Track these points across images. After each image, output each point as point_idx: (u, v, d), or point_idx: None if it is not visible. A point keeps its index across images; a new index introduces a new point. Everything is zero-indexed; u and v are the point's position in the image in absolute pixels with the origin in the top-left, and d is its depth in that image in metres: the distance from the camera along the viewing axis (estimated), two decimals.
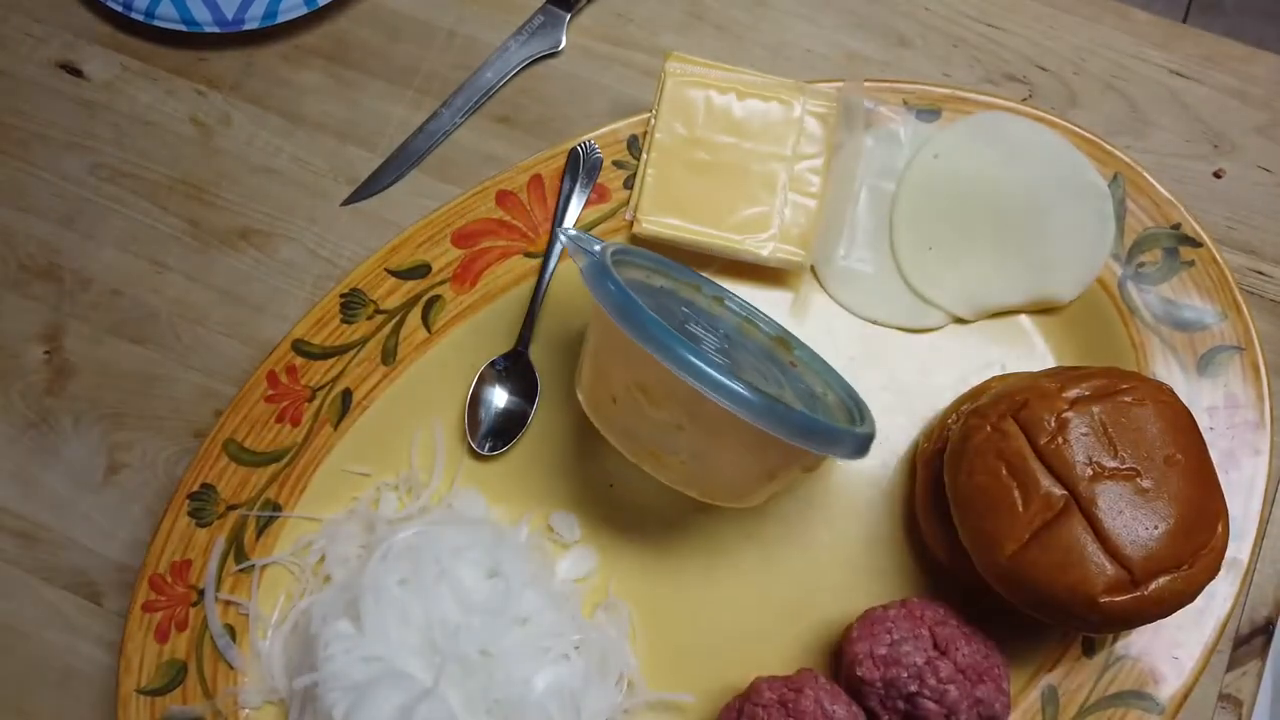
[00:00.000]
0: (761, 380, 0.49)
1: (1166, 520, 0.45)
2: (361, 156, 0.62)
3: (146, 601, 0.54)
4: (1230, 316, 0.55)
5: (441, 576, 0.52)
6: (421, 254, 0.57)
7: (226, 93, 0.64)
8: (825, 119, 0.58)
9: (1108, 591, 0.44)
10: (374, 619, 0.51)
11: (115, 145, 0.64)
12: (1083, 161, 0.56)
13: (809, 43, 0.63)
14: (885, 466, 0.56)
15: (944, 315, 0.57)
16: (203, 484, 0.55)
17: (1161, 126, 0.60)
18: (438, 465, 0.56)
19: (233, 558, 0.54)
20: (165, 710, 0.53)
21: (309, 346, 0.56)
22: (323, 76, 0.64)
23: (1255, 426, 0.54)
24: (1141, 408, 0.46)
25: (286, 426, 0.56)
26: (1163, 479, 0.45)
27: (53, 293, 0.62)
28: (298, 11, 0.62)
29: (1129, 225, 0.56)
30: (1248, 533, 0.52)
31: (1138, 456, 0.46)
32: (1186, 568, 0.45)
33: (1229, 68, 0.61)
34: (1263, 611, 0.54)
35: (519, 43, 0.63)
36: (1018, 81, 0.61)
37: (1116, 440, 0.46)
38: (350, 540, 0.54)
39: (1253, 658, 0.54)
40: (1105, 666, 0.52)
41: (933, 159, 0.57)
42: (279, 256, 0.61)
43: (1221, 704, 0.53)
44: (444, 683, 0.50)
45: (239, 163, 0.63)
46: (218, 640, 0.53)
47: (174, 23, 0.63)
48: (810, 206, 0.58)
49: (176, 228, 0.62)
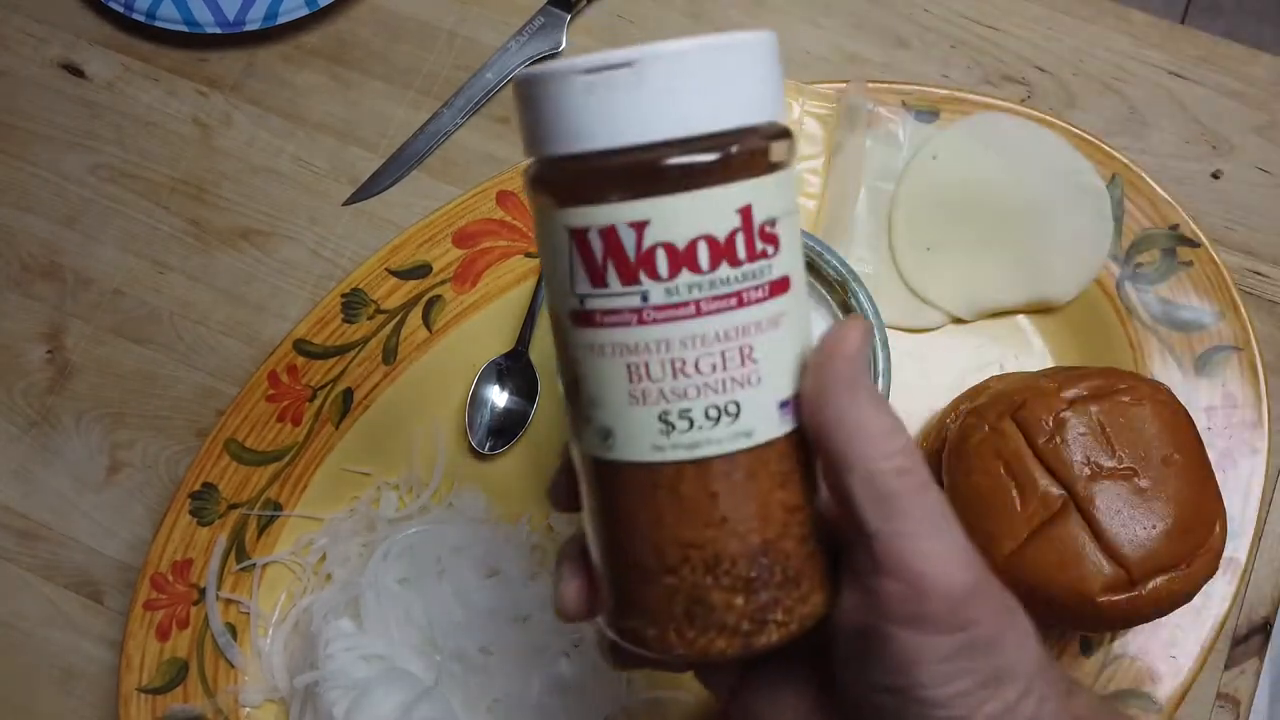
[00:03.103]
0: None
1: (1164, 520, 0.45)
2: (362, 157, 0.62)
3: (148, 600, 0.54)
4: (1228, 317, 0.55)
5: (442, 575, 0.52)
6: (422, 254, 0.57)
7: (227, 93, 0.64)
8: (824, 120, 0.58)
9: (1105, 591, 0.44)
10: (375, 617, 0.51)
11: (117, 145, 0.64)
12: (1081, 162, 0.57)
13: (807, 44, 0.63)
14: None
15: (942, 315, 0.57)
16: (204, 483, 0.55)
17: (1160, 127, 0.61)
18: (438, 464, 0.56)
19: (234, 556, 0.55)
20: (166, 708, 0.53)
21: (310, 346, 0.56)
22: (324, 77, 0.64)
23: (1253, 426, 0.54)
24: (1139, 407, 0.47)
25: (288, 426, 0.56)
26: (1160, 479, 0.46)
27: (54, 292, 0.62)
28: (299, 12, 0.63)
29: (1127, 226, 0.56)
30: (1245, 532, 0.53)
31: (1135, 456, 0.46)
32: (1184, 567, 0.45)
33: (1227, 69, 0.61)
34: (1260, 611, 0.54)
35: (520, 44, 0.63)
36: (1016, 83, 0.62)
37: (1114, 440, 0.46)
38: (351, 539, 0.54)
39: (1250, 657, 0.54)
40: (1103, 665, 0.52)
41: (931, 160, 0.57)
42: (280, 256, 0.61)
43: (1219, 703, 0.53)
44: (444, 681, 0.50)
45: (240, 163, 0.63)
46: (219, 639, 0.54)
47: (175, 23, 0.63)
48: (809, 207, 0.58)
49: (178, 228, 0.62)
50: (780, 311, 0.29)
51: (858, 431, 0.29)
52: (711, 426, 0.28)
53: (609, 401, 0.29)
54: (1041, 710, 0.30)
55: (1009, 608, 0.31)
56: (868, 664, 0.30)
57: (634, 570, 0.30)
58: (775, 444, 0.29)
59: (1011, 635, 0.30)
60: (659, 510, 0.29)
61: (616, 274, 0.28)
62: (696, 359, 0.28)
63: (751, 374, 0.29)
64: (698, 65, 0.28)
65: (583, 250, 0.28)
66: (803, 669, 0.33)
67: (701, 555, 0.29)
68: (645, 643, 0.30)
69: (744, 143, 0.28)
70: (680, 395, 0.28)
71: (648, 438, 0.29)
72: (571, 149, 0.28)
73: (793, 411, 0.30)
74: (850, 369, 0.29)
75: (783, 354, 0.29)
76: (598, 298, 0.28)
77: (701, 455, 0.29)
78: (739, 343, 0.28)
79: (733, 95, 0.28)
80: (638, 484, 0.29)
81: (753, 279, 0.28)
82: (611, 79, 0.27)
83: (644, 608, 0.30)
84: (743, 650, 0.30)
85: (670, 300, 0.28)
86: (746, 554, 0.29)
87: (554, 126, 0.28)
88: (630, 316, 0.28)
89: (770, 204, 0.29)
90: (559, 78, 0.28)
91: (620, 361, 0.28)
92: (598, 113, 0.27)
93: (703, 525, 0.29)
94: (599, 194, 0.28)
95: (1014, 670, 0.30)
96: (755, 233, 0.28)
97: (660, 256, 0.28)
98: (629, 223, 0.27)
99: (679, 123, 0.27)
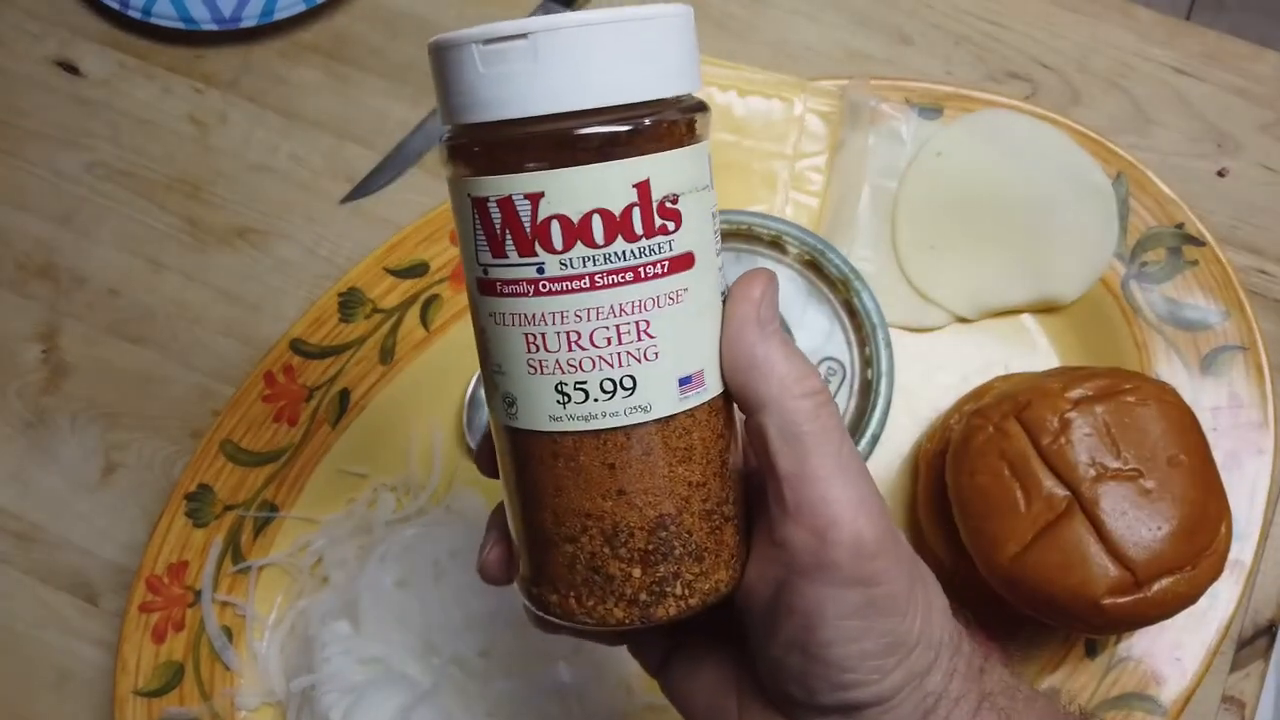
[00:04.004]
0: None
1: (1170, 521, 0.44)
2: (360, 154, 0.62)
3: (143, 602, 0.53)
4: (1234, 316, 0.54)
5: (440, 578, 0.52)
6: (420, 252, 0.57)
7: (224, 90, 0.63)
8: (827, 117, 0.58)
9: (1110, 593, 0.44)
10: (372, 620, 0.51)
11: (112, 143, 0.63)
12: (1086, 160, 0.56)
13: (810, 40, 0.62)
14: (887, 467, 0.55)
15: (946, 314, 0.57)
16: (200, 484, 0.54)
17: (1165, 125, 0.60)
18: (435, 465, 0.55)
19: (230, 559, 0.54)
20: (162, 712, 0.52)
21: (306, 346, 0.56)
22: (321, 74, 0.63)
23: (1259, 426, 0.53)
24: (1145, 408, 0.46)
25: (284, 426, 0.55)
26: (1166, 480, 0.45)
27: (49, 292, 0.61)
28: (295, 9, 0.62)
29: (1132, 224, 0.56)
30: (1251, 534, 0.52)
31: (1141, 457, 0.45)
32: (1189, 569, 0.45)
33: (1233, 66, 0.61)
34: (1266, 613, 0.54)
35: None
36: (1020, 79, 0.61)
37: (1119, 441, 0.45)
38: (348, 541, 0.54)
39: (1256, 659, 0.53)
40: (1108, 668, 0.52)
41: (935, 157, 0.57)
42: (276, 255, 0.61)
43: (1224, 705, 0.53)
44: (442, 685, 0.50)
45: (236, 161, 0.62)
46: (215, 641, 0.53)
47: (171, 20, 0.63)
48: (812, 205, 0.57)
49: (174, 226, 0.62)
50: (681, 287, 0.29)
51: (770, 371, 0.29)
52: (607, 400, 0.29)
53: (511, 370, 0.30)
54: (950, 685, 0.31)
55: (920, 575, 0.31)
56: (775, 625, 0.30)
57: (540, 537, 0.31)
58: (676, 419, 0.29)
59: (920, 600, 0.30)
60: (559, 479, 0.30)
61: (514, 244, 0.28)
62: (591, 332, 0.28)
63: (648, 348, 0.29)
64: (592, 38, 0.27)
65: (483, 220, 0.29)
66: (723, 643, 0.34)
67: (600, 526, 0.30)
68: (549, 608, 0.31)
69: (642, 117, 0.28)
70: (575, 367, 0.29)
71: (545, 408, 0.29)
72: (472, 118, 0.28)
73: (697, 387, 0.30)
74: (757, 311, 0.30)
75: (685, 330, 0.29)
76: (498, 267, 0.29)
77: (598, 428, 0.29)
78: (635, 318, 0.28)
79: (626, 70, 0.28)
80: (539, 453, 0.30)
81: (651, 254, 0.28)
82: (507, 50, 0.27)
83: (549, 574, 0.31)
84: (641, 620, 0.30)
85: (564, 273, 0.28)
86: (644, 526, 0.30)
87: (456, 96, 0.29)
88: (527, 287, 0.28)
89: (672, 180, 0.29)
90: (459, 47, 0.28)
91: (519, 331, 0.29)
92: (494, 84, 0.28)
93: (600, 496, 0.29)
94: (499, 164, 0.28)
95: (921, 639, 0.30)
96: (654, 208, 0.28)
97: (555, 229, 0.28)
98: (525, 194, 0.28)
99: (574, 95, 0.27)
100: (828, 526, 0.29)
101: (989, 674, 0.32)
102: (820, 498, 0.29)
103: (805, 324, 0.54)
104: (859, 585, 0.29)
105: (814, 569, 0.29)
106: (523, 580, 0.32)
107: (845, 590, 0.29)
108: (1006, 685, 0.32)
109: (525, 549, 0.31)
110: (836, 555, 0.29)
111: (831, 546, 0.29)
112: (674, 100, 0.29)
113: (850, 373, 0.53)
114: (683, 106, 0.29)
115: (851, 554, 0.29)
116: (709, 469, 0.30)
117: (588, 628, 0.31)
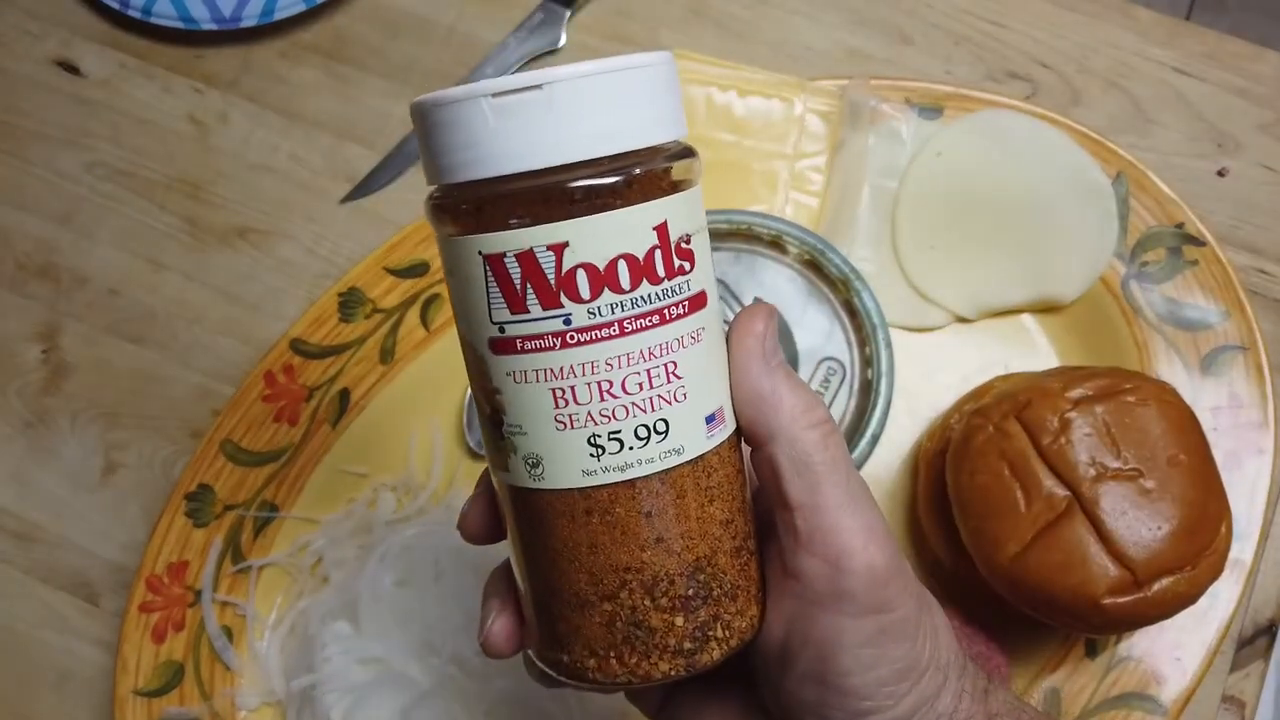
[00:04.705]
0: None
1: (1170, 521, 0.44)
2: (360, 154, 0.62)
3: (143, 602, 0.53)
4: (1234, 316, 0.54)
5: (440, 577, 0.52)
6: (420, 252, 0.57)
7: (224, 90, 0.63)
8: (827, 116, 0.58)
9: (1110, 593, 0.44)
10: (372, 620, 0.51)
11: (112, 143, 0.63)
12: (1086, 160, 0.56)
13: (810, 40, 0.62)
14: (887, 467, 0.55)
15: (946, 314, 0.57)
16: (200, 484, 0.54)
17: (1165, 125, 0.60)
18: (435, 465, 0.55)
19: (230, 558, 0.54)
20: (162, 712, 0.52)
21: (306, 346, 0.56)
22: (321, 74, 0.63)
23: (1259, 426, 0.53)
24: (1145, 408, 0.46)
25: (284, 426, 0.55)
26: (1166, 480, 0.45)
27: (49, 292, 0.61)
28: (295, 9, 0.62)
29: (1132, 224, 0.56)
30: (1251, 533, 0.52)
31: (1141, 457, 0.45)
32: (1190, 569, 0.45)
33: (1233, 65, 0.61)
34: (1266, 613, 0.54)
35: (518, 40, 0.62)
36: (1020, 79, 0.61)
37: (1120, 440, 0.45)
38: (348, 541, 0.54)
39: (1256, 659, 0.53)
40: (1108, 668, 0.52)
41: (935, 157, 0.57)
42: (277, 255, 0.61)
43: (1225, 705, 0.53)
44: (443, 685, 0.50)
45: (236, 161, 0.62)
46: (215, 641, 0.53)
47: (171, 20, 0.63)
48: (812, 205, 0.57)
49: (174, 226, 0.62)
50: (700, 326, 0.29)
51: (780, 403, 0.30)
52: (642, 446, 0.28)
53: (535, 430, 0.29)
54: (959, 706, 0.31)
55: (926, 600, 0.31)
56: (790, 657, 0.30)
57: (572, 600, 0.30)
58: (705, 459, 0.29)
59: (927, 625, 0.31)
60: (593, 536, 0.29)
61: (537, 298, 0.28)
62: (623, 379, 0.28)
63: (678, 390, 0.29)
64: (610, 85, 0.27)
65: (500, 276, 0.28)
66: (725, 680, 0.34)
67: (639, 578, 0.29)
68: (585, 673, 0.30)
69: (657, 161, 0.28)
70: (609, 417, 0.28)
71: (578, 462, 0.28)
72: (483, 173, 0.28)
73: (719, 425, 0.30)
74: (762, 346, 0.30)
75: (706, 368, 0.29)
76: (517, 323, 0.28)
77: (634, 476, 0.28)
78: (664, 360, 0.28)
79: (646, 113, 0.28)
80: (570, 511, 0.29)
81: (673, 295, 0.28)
82: (522, 101, 0.27)
83: (584, 637, 0.30)
84: (686, 670, 0.29)
85: (593, 322, 0.28)
86: (683, 572, 0.29)
87: (463, 152, 0.28)
88: (553, 340, 0.28)
89: (685, 221, 0.29)
90: (466, 102, 0.27)
91: (545, 388, 0.28)
92: (510, 136, 0.27)
93: (638, 547, 0.29)
94: (514, 218, 0.27)
95: (931, 662, 0.30)
96: (672, 249, 0.28)
97: (581, 278, 0.27)
98: (548, 245, 0.27)
99: (595, 143, 0.27)
100: (840, 555, 0.29)
101: (994, 694, 0.32)
102: (832, 526, 0.29)
103: (805, 324, 0.54)
104: (873, 613, 0.29)
105: (829, 598, 0.29)
106: (543, 647, 0.31)
107: (860, 619, 0.29)
108: (1011, 705, 0.33)
109: (549, 615, 0.30)
110: (851, 584, 0.29)
111: (846, 575, 0.29)
112: (681, 144, 0.29)
113: (850, 372, 0.53)
114: (685, 149, 0.30)
115: (865, 582, 0.29)
116: (733, 505, 0.30)
117: (617, 685, 0.30)
